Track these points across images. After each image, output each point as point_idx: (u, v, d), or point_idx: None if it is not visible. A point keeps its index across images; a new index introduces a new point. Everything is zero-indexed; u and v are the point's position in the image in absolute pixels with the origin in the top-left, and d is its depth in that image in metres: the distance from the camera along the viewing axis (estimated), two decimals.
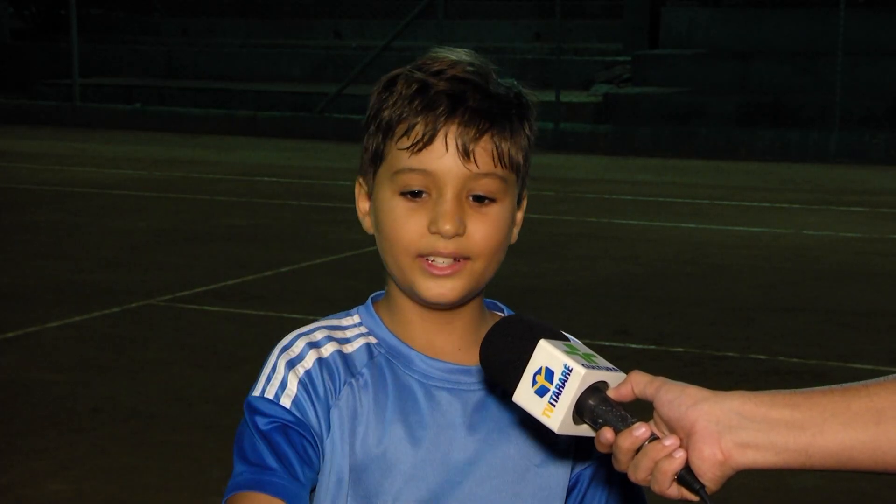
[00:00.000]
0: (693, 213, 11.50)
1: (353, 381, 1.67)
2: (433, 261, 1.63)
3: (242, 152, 15.97)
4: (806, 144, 15.54)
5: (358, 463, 1.66)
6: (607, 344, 6.95)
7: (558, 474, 1.72)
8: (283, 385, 1.65)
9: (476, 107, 1.62)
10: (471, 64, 1.66)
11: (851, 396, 1.44)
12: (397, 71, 1.69)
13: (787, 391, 1.46)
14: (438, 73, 1.64)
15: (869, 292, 8.40)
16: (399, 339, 1.70)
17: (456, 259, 1.63)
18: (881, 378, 1.45)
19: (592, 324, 7.48)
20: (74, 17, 19.75)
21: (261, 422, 1.63)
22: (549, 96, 17.06)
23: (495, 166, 1.63)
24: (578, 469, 1.74)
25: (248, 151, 15.98)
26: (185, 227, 10.77)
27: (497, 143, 1.63)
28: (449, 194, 1.62)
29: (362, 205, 1.73)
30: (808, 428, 1.43)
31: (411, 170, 1.62)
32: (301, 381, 1.64)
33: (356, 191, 1.75)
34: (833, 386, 1.47)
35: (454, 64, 1.66)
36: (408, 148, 1.62)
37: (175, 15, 23.98)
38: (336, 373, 1.66)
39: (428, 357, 1.69)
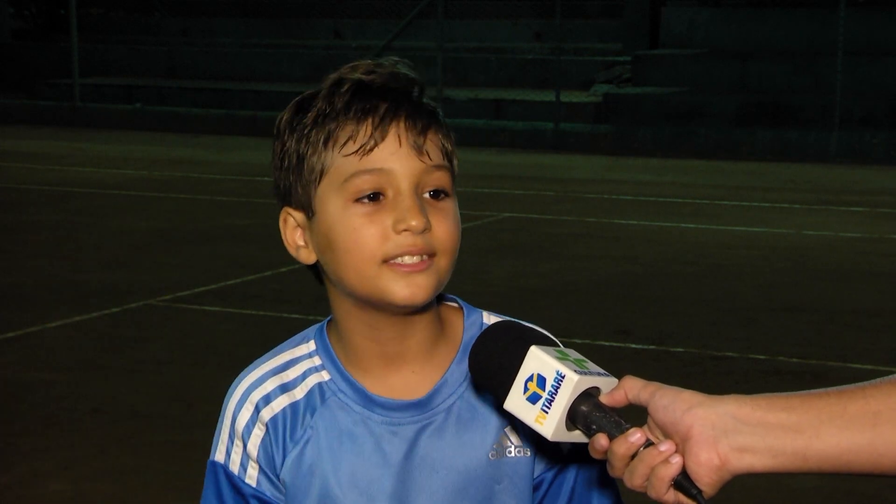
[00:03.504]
0: (693, 213, 11.49)
1: (304, 439, 1.68)
2: (402, 260, 1.57)
3: (242, 152, 15.96)
4: (806, 144, 15.52)
5: None
6: (607, 344, 6.95)
7: (521, 468, 1.70)
8: (244, 465, 1.73)
9: (418, 100, 1.61)
10: (384, 61, 1.64)
11: (848, 399, 1.44)
12: (305, 94, 1.64)
13: (783, 394, 1.46)
14: (370, 72, 1.61)
15: (869, 292, 8.39)
16: (350, 376, 1.68)
17: (422, 256, 1.58)
18: (877, 380, 1.45)
19: (592, 324, 7.48)
20: (74, 17, 19.74)
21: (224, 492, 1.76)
22: (549, 96, 17.05)
23: (443, 159, 1.61)
24: (541, 471, 1.71)
25: (248, 151, 15.96)
26: (185, 227, 10.76)
27: (441, 135, 1.62)
28: (408, 190, 1.57)
29: (295, 238, 1.66)
30: (804, 431, 1.42)
31: (366, 171, 1.57)
32: (258, 458, 1.71)
33: (282, 224, 1.67)
34: (829, 388, 1.46)
35: (377, 64, 1.63)
36: (356, 151, 1.57)
37: (175, 15, 23.95)
38: (286, 431, 1.68)
39: (377, 396, 1.66)
